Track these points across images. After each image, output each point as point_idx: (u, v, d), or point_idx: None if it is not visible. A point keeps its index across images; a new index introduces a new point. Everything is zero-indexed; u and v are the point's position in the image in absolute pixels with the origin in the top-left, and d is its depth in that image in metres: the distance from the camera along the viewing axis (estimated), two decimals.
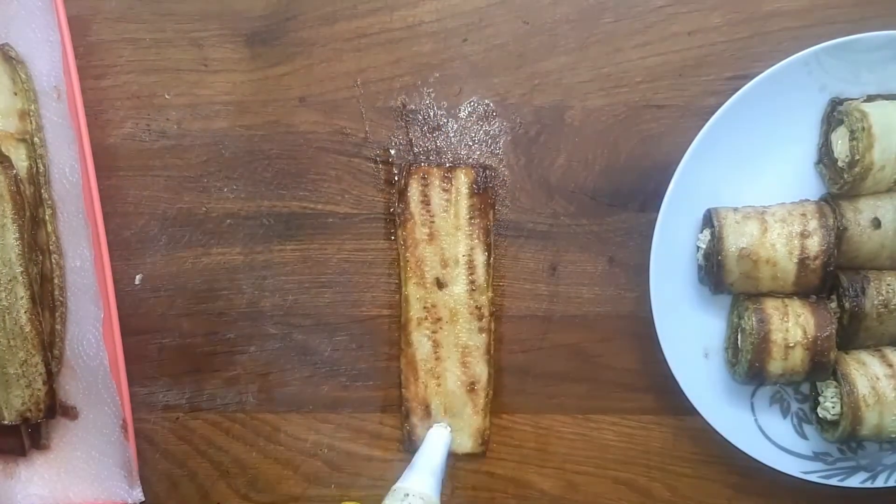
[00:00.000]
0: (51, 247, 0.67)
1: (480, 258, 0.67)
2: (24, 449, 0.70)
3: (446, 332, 0.68)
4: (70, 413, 0.70)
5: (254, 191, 0.70)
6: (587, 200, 0.69)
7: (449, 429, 0.69)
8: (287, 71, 0.69)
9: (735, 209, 0.64)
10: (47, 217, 0.67)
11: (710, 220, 0.64)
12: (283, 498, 0.72)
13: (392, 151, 0.69)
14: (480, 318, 0.68)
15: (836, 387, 0.64)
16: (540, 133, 0.69)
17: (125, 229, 0.70)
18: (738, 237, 0.63)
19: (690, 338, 0.67)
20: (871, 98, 0.64)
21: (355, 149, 0.69)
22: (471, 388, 0.68)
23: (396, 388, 0.70)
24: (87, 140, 0.66)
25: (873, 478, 0.67)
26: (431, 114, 0.69)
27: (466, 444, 0.70)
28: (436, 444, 0.67)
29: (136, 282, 0.71)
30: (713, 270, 0.64)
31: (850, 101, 0.63)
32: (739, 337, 0.65)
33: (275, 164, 0.69)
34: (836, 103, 0.64)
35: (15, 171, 0.64)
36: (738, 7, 0.66)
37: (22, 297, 0.65)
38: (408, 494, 0.62)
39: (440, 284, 0.67)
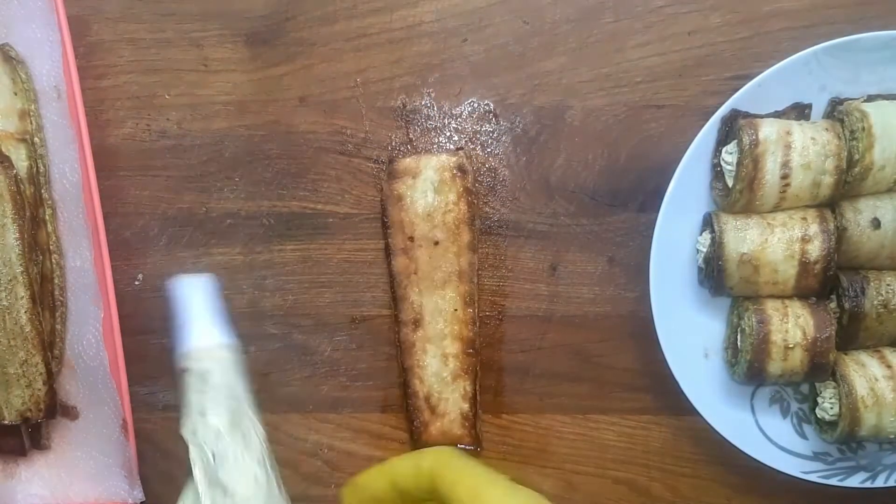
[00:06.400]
0: (51, 247, 0.68)
1: None
2: (25, 449, 0.70)
3: None
4: (70, 413, 0.70)
5: (254, 191, 0.70)
6: (587, 200, 0.69)
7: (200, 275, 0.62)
8: (287, 71, 0.69)
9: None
10: (47, 217, 0.67)
11: (710, 223, 0.64)
12: None
13: (392, 152, 0.69)
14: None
15: (834, 387, 0.64)
16: (540, 133, 0.69)
17: (125, 229, 0.70)
18: (739, 242, 0.63)
19: (690, 338, 0.67)
20: (871, 98, 0.64)
21: (355, 149, 0.69)
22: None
23: (396, 388, 0.71)
24: (88, 140, 0.66)
25: (873, 478, 0.67)
26: (431, 114, 0.69)
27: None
28: (193, 290, 0.60)
29: (137, 282, 0.71)
30: (713, 274, 0.64)
31: (850, 101, 0.63)
32: (739, 337, 0.65)
33: (275, 164, 0.69)
34: (835, 103, 0.64)
35: (15, 171, 0.64)
36: (737, 7, 0.66)
37: (22, 297, 0.65)
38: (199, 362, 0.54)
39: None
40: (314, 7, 0.68)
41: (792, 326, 0.63)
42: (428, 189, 0.66)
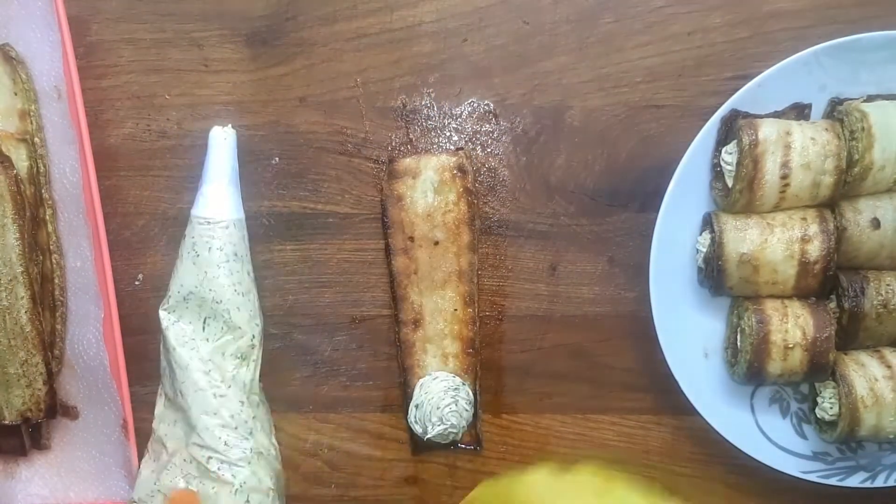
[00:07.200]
0: (51, 247, 0.68)
1: None
2: (25, 449, 0.70)
3: None
4: (70, 413, 0.71)
5: (254, 191, 0.70)
6: (587, 200, 0.69)
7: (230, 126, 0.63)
8: (287, 71, 0.69)
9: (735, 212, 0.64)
10: (48, 217, 0.67)
11: (709, 223, 0.64)
12: None
13: (392, 152, 0.69)
14: None
15: (834, 387, 0.64)
16: (540, 133, 0.69)
17: (125, 229, 0.70)
18: (739, 242, 0.63)
19: (690, 338, 0.67)
20: (870, 98, 0.64)
21: (355, 149, 0.69)
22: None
23: (396, 388, 0.71)
24: (88, 140, 0.66)
25: (873, 477, 0.67)
26: (431, 114, 0.69)
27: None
28: (221, 143, 0.61)
29: (137, 282, 0.71)
30: (713, 274, 0.64)
31: (849, 101, 0.63)
32: (739, 337, 0.65)
33: (275, 164, 0.69)
34: (835, 103, 0.64)
35: (15, 171, 0.64)
36: (737, 7, 0.66)
37: (22, 297, 0.65)
38: (210, 222, 0.57)
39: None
40: (314, 7, 0.68)
41: (792, 326, 0.63)
42: (428, 189, 0.66)
